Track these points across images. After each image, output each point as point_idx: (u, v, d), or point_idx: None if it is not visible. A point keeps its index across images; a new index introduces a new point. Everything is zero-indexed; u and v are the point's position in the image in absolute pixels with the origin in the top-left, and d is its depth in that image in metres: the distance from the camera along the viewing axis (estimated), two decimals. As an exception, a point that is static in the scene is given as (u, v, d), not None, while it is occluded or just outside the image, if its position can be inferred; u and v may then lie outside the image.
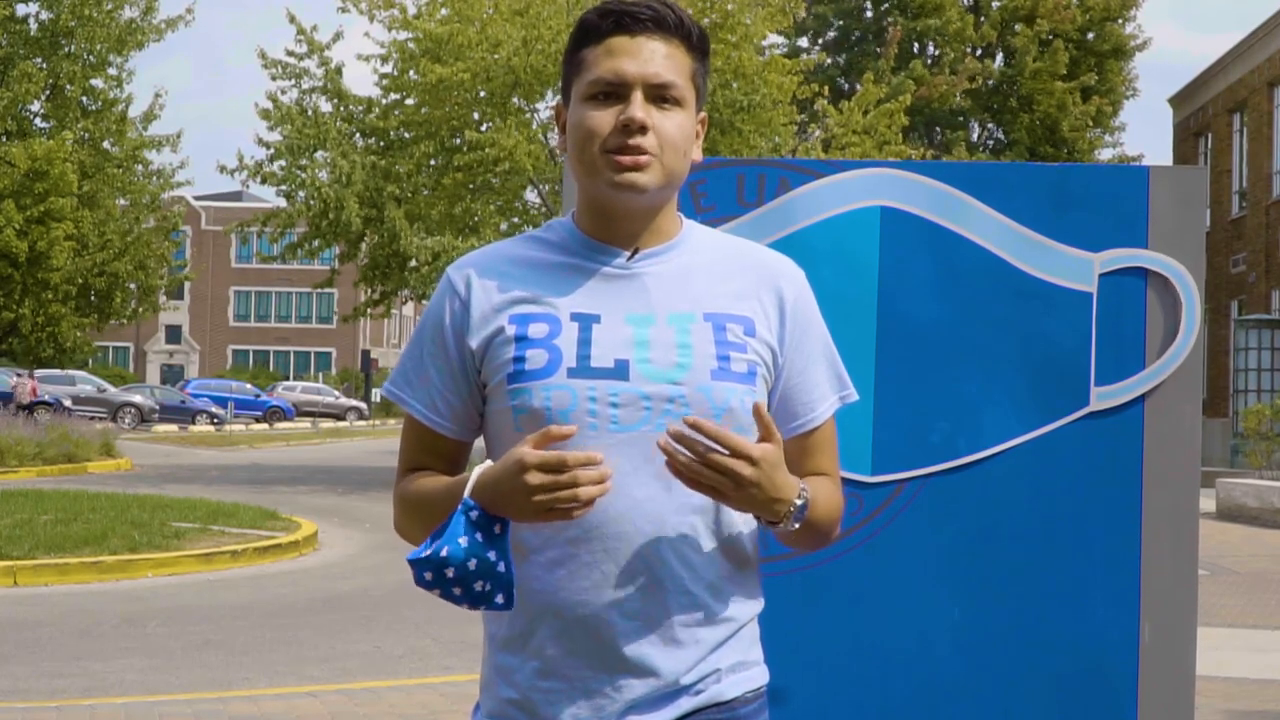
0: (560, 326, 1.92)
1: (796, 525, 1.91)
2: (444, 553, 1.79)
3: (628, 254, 1.98)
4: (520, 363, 1.92)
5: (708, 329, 1.94)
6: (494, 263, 2.01)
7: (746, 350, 1.95)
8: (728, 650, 1.94)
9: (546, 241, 2.02)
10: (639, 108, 1.91)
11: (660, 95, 1.92)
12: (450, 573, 1.79)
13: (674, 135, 1.93)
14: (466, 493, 1.84)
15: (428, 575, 1.80)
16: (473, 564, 1.79)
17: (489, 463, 1.89)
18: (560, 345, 1.91)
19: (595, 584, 1.88)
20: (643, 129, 1.90)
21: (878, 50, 32.63)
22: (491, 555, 1.80)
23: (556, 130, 2.04)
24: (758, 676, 1.99)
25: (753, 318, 1.98)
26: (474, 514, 1.82)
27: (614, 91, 1.92)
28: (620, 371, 1.90)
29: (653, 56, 1.92)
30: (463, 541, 1.79)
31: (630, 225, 1.98)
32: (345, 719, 6.48)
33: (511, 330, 1.94)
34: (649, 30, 1.93)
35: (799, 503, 1.89)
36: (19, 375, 34.97)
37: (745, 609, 1.98)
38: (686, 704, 1.92)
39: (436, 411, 2.01)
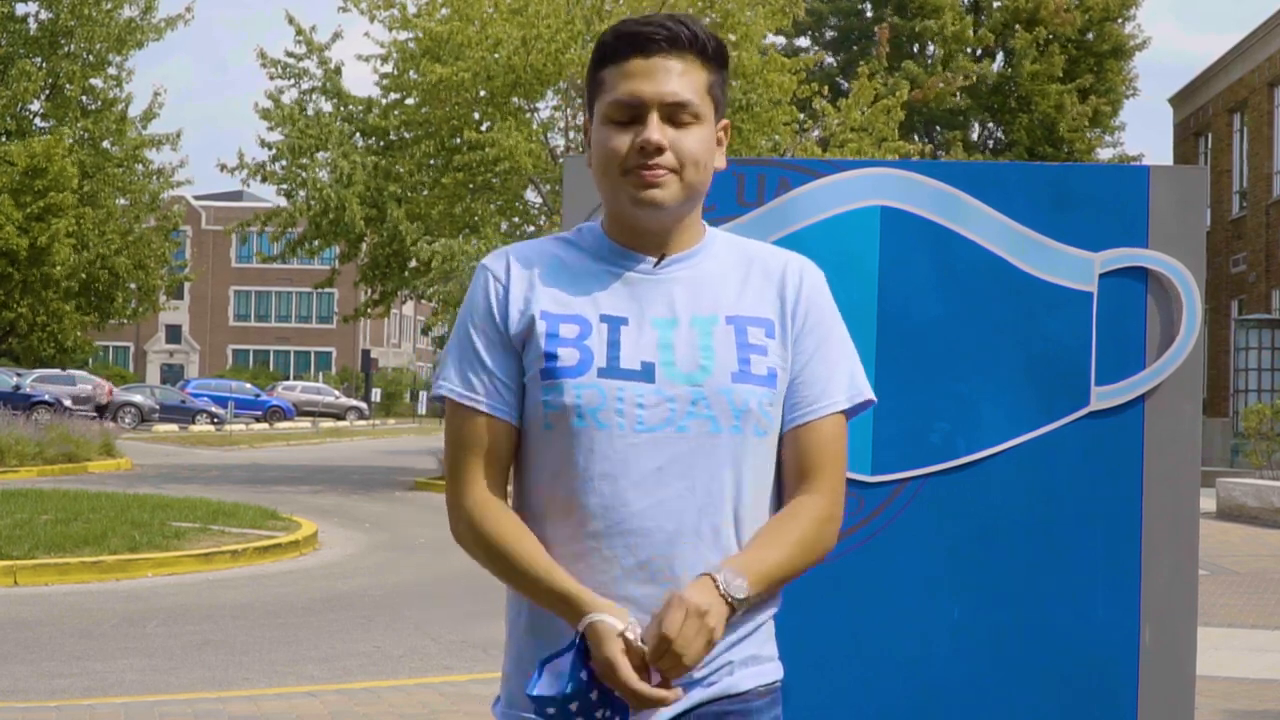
0: (590, 328, 1.97)
1: (750, 599, 1.92)
2: (568, 689, 1.84)
3: (654, 260, 2.03)
4: (553, 360, 1.96)
5: (729, 332, 1.98)
6: (530, 256, 2.05)
7: (767, 353, 1.99)
8: (742, 645, 1.98)
9: (577, 245, 2.07)
10: (655, 130, 1.95)
11: (677, 113, 1.96)
12: (574, 706, 1.85)
13: (693, 150, 1.97)
14: (580, 627, 1.86)
15: (550, 710, 1.85)
16: (594, 694, 1.85)
17: (602, 617, 1.88)
18: (591, 345, 1.96)
19: (615, 578, 1.92)
20: (659, 150, 1.95)
21: (873, 50, 32.64)
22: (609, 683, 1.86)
23: (585, 144, 2.07)
24: (771, 671, 2.03)
25: (774, 320, 2.02)
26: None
27: (632, 113, 1.96)
28: (646, 374, 1.95)
29: (668, 76, 1.96)
30: (583, 676, 1.85)
31: (655, 236, 2.03)
32: (345, 719, 6.47)
33: (543, 327, 1.98)
34: (664, 50, 1.96)
35: (739, 596, 1.89)
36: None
37: (763, 608, 2.01)
38: (698, 695, 1.95)
39: (503, 401, 2.01)
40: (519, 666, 1.99)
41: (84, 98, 30.55)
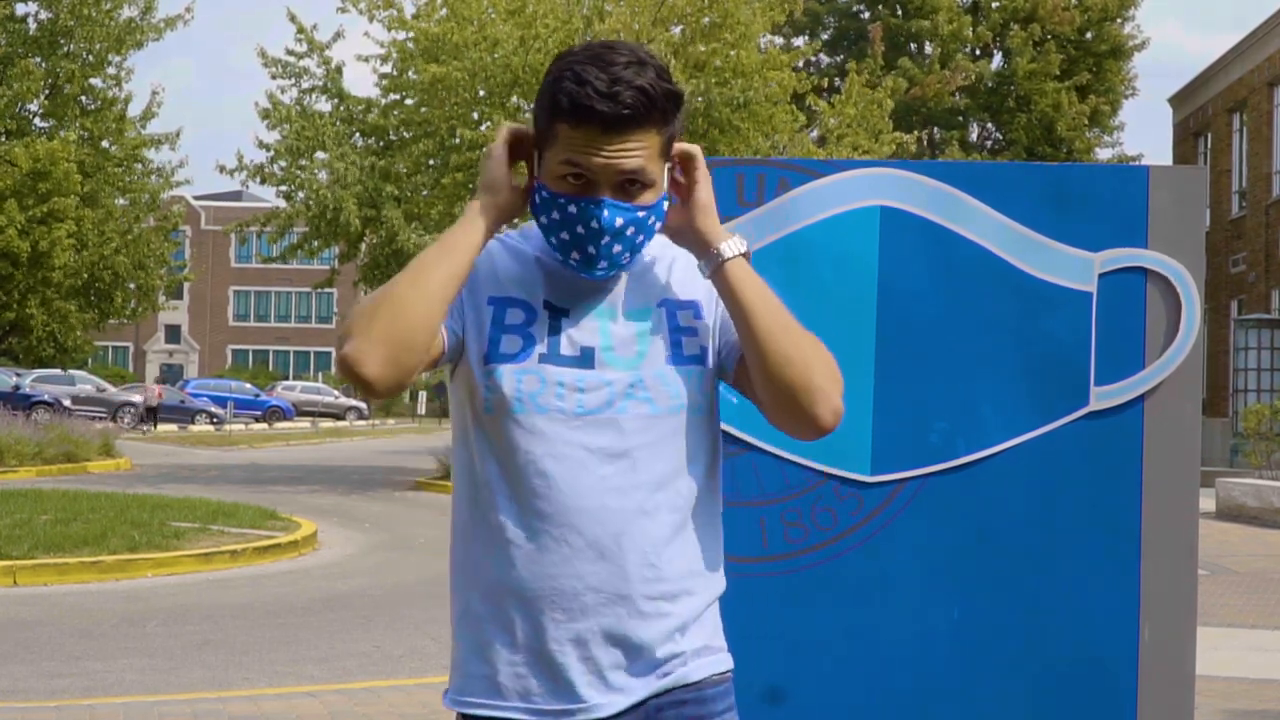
0: (535, 315, 2.04)
1: (730, 255, 2.01)
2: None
3: None
4: (495, 345, 2.02)
5: (661, 316, 2.06)
6: (496, 245, 2.11)
7: (697, 333, 2.08)
8: (693, 634, 2.02)
9: (528, 240, 2.12)
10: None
11: (627, 182, 1.97)
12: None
13: None
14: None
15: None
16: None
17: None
18: (534, 332, 2.03)
19: (564, 558, 1.97)
20: None
21: (868, 50, 32.65)
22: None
23: (535, 167, 2.06)
24: (723, 661, 2.08)
25: (699, 301, 2.09)
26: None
27: (583, 178, 1.96)
28: (586, 360, 2.01)
29: (622, 151, 1.95)
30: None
31: None
32: (345, 719, 6.48)
33: (490, 312, 2.04)
34: (622, 127, 1.93)
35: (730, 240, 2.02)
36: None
37: (708, 584, 2.06)
38: (655, 684, 1.99)
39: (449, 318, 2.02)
40: (467, 652, 2.02)
41: (84, 98, 30.52)
